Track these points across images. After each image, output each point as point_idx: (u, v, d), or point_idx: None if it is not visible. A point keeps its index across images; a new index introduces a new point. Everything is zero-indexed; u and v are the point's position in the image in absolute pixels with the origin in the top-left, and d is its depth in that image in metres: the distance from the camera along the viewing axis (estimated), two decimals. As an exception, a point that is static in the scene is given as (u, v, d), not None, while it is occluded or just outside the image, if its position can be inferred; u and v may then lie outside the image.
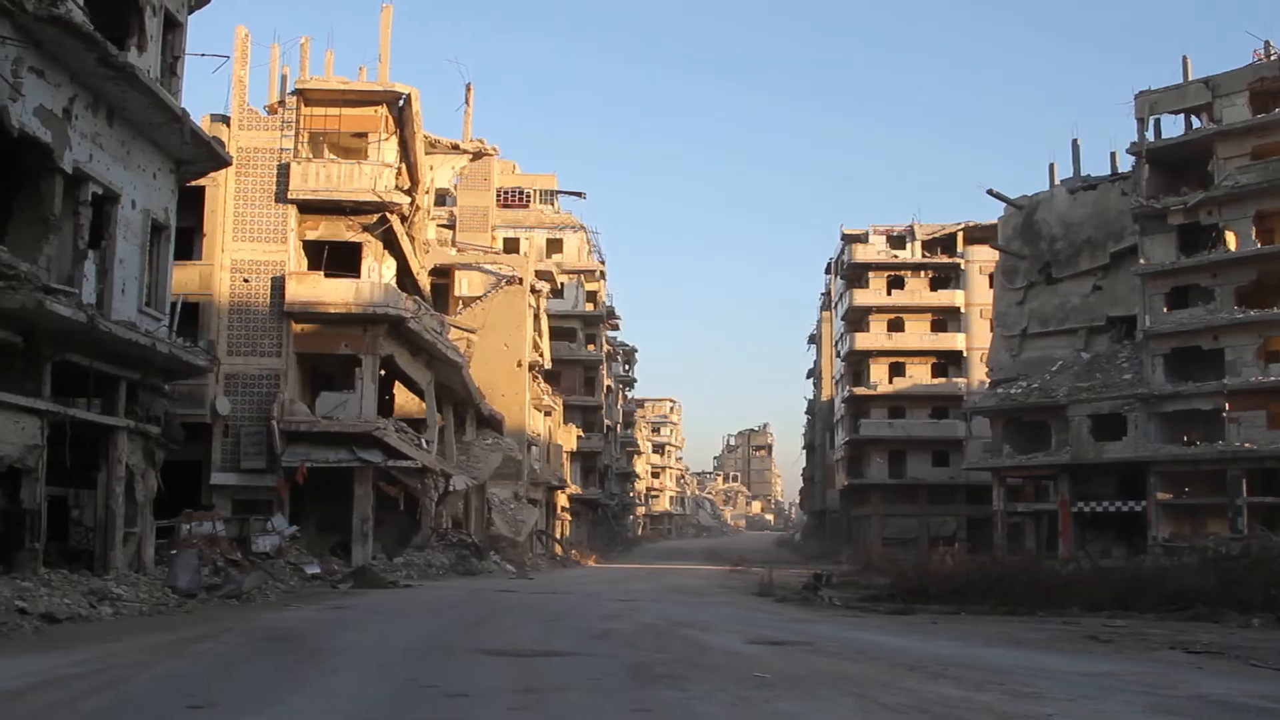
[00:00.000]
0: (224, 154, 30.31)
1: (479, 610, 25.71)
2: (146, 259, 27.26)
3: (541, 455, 74.20)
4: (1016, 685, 13.83)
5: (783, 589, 35.35)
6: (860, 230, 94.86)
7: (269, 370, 40.91)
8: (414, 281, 48.83)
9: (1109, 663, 17.00)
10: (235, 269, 41.27)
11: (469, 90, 55.71)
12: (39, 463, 22.62)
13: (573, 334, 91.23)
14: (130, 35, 25.54)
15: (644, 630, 21.17)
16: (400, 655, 16.06)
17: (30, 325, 21.77)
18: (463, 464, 52.55)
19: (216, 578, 27.53)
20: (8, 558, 21.51)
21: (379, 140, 43.28)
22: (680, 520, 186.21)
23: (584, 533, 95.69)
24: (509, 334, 65.15)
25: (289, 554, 35.18)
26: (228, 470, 40.17)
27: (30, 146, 22.09)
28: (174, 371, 28.53)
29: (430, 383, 48.07)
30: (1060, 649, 19.30)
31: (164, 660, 14.69)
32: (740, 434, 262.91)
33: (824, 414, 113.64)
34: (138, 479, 27.21)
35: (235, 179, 40.99)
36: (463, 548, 46.87)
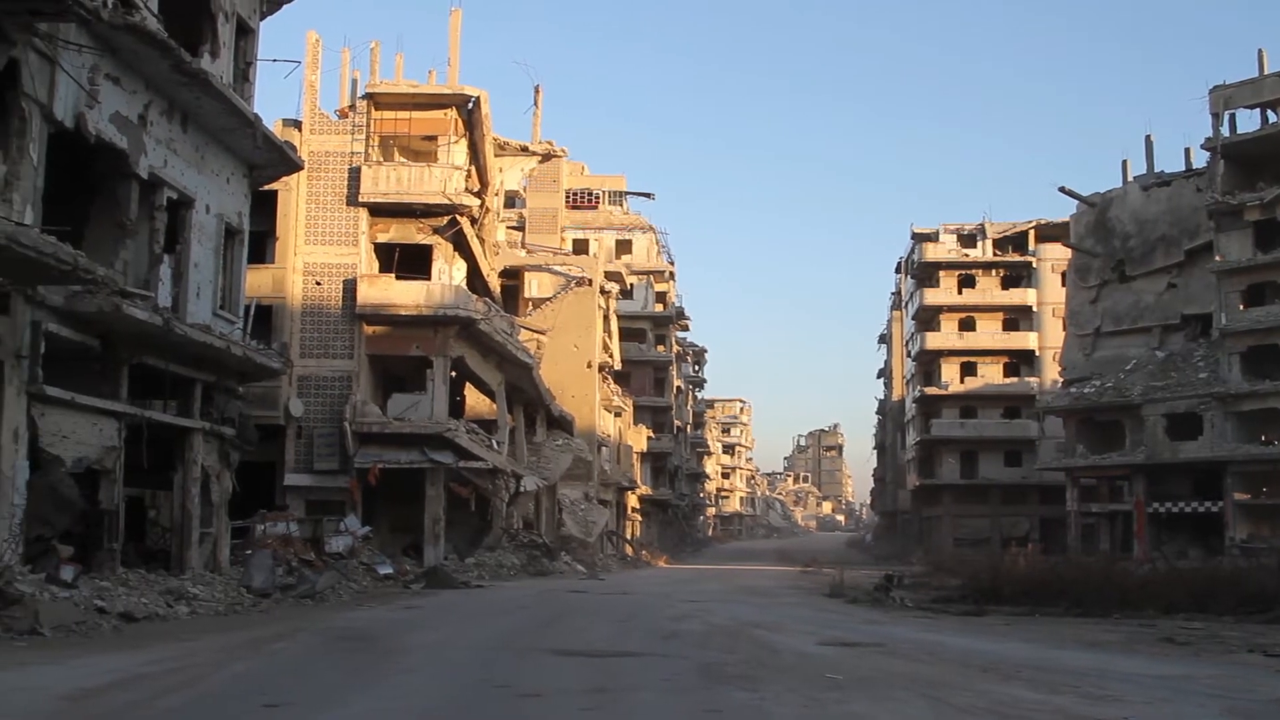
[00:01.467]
0: (296, 158, 30.60)
1: (550, 611, 25.76)
2: (221, 262, 27.56)
3: (612, 456, 74.28)
4: (1092, 688, 13.70)
5: (854, 590, 35.18)
6: (931, 229, 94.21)
7: (341, 372, 41.23)
8: (484, 283, 49.04)
9: (1185, 665, 16.80)
10: (308, 272, 41.64)
11: (538, 92, 55.89)
12: (117, 464, 22.92)
13: (642, 335, 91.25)
14: (203, 42, 25.85)
15: (715, 631, 21.14)
16: (472, 655, 16.13)
17: (108, 329, 22.06)
18: (533, 465, 52.69)
19: (290, 578, 27.74)
20: (87, 558, 21.79)
21: (449, 143, 43.48)
22: (750, 521, 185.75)
23: (654, 533, 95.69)
24: (579, 335, 65.28)
25: (362, 554, 35.39)
26: (301, 471, 40.52)
27: (107, 152, 22.39)
28: (248, 374, 28.81)
29: (501, 384, 48.24)
30: (1136, 651, 19.08)
31: (240, 659, 14.83)
32: (811, 434, 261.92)
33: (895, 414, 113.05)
34: (213, 480, 27.50)
35: (307, 183, 41.35)
36: (534, 548, 46.99)
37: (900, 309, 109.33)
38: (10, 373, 19.51)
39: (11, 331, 19.47)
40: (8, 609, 15.79)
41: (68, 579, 19.28)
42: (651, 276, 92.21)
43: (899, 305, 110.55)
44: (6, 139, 19.18)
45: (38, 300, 20.00)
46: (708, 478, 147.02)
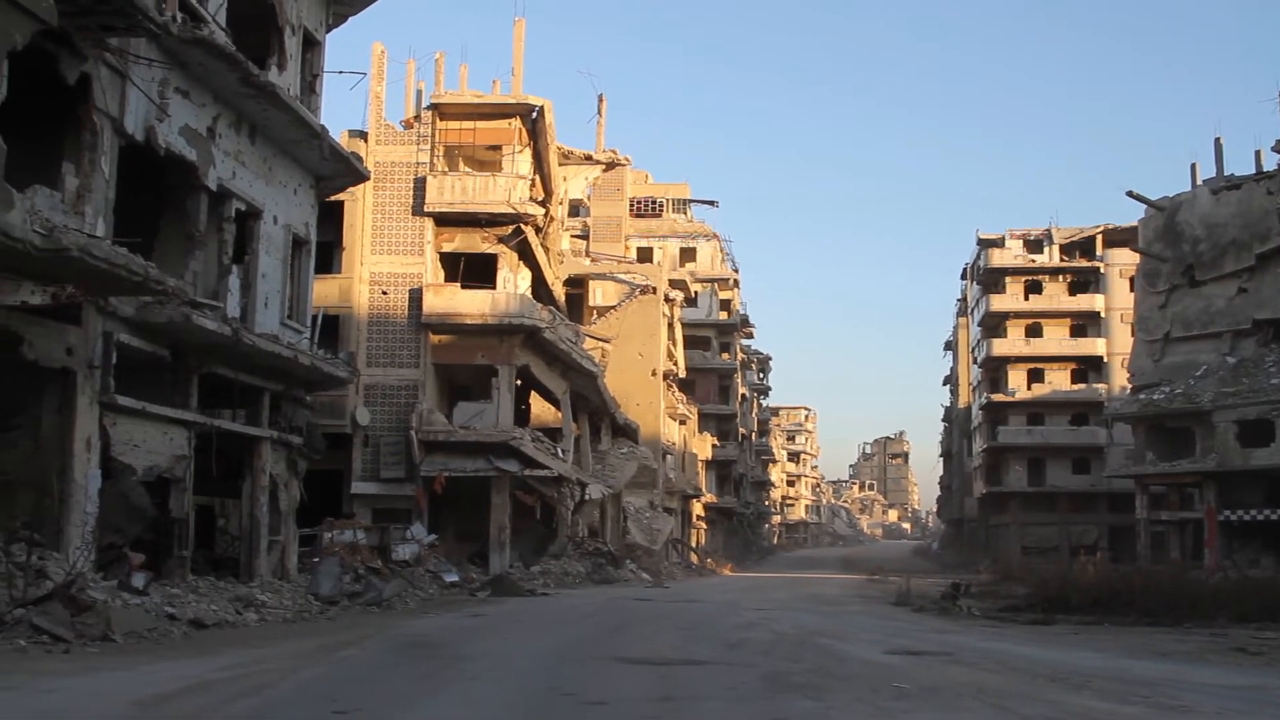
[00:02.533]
0: (362, 169, 30.83)
1: (615, 618, 25.76)
2: (288, 273, 27.81)
3: (677, 464, 74.24)
4: (1163, 698, 13.54)
5: (920, 598, 34.98)
6: (996, 235, 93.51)
7: (407, 381, 41.50)
8: (549, 292, 49.19)
9: (1258, 675, 16.58)
10: (374, 281, 41.94)
11: (601, 101, 56.02)
12: (187, 473, 23.16)
13: (707, 342, 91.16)
14: (271, 55, 26.12)
15: (780, 639, 21.07)
16: (538, 662, 16.17)
17: (178, 339, 22.31)
18: (598, 473, 52.75)
19: (358, 585, 27.89)
20: (158, 565, 22.02)
21: (513, 152, 43.68)
22: (816, 529, 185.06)
23: (719, 541, 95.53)
24: (643, 343, 65.32)
25: (428, 562, 35.54)
26: (368, 479, 40.80)
27: (176, 165, 22.66)
28: (315, 383, 29.04)
29: (566, 392, 48.35)
30: (1207, 661, 18.85)
31: (308, 666, 14.94)
32: (876, 442, 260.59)
33: (961, 421, 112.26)
34: (281, 488, 27.73)
35: (373, 193, 41.67)
36: (599, 556, 47.03)
37: (966, 315, 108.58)
38: (83, 383, 19.78)
39: (84, 342, 19.74)
40: (81, 615, 15.99)
41: (139, 586, 19.49)
42: (716, 284, 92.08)
43: (965, 311, 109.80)
44: (79, 152, 19.45)
45: (109, 311, 20.28)
46: (773, 485, 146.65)
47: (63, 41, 18.07)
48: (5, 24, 16.13)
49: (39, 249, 15.62)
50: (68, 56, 18.47)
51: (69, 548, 18.86)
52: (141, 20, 18.72)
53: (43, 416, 19.72)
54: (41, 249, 15.66)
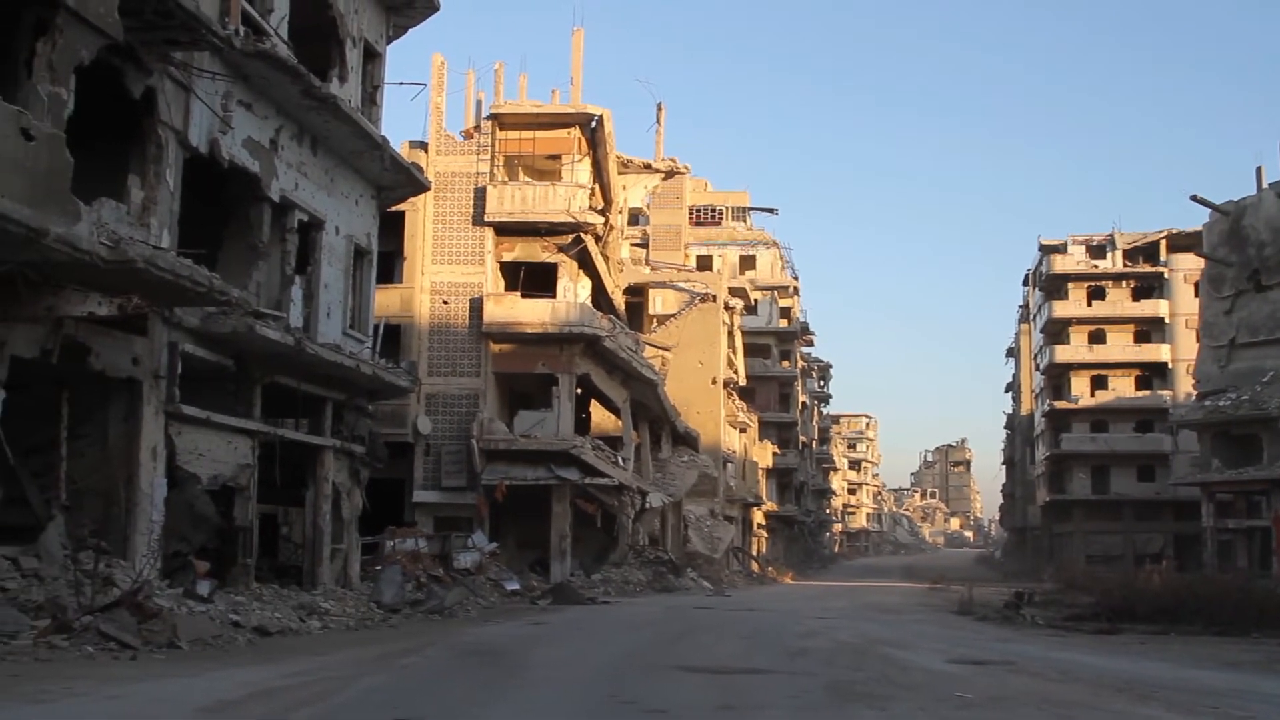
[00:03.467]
0: (423, 179, 31.02)
1: (676, 627, 25.75)
2: (350, 283, 28.02)
3: (737, 472, 74.13)
4: (1231, 709, 13.39)
5: (983, 607, 34.75)
6: (1058, 240, 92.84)
7: (468, 390, 41.67)
8: (609, 300, 49.26)
9: (1328, 685, 16.37)
10: (435, 291, 42.17)
11: (660, 110, 56.11)
12: (251, 481, 23.37)
13: (767, 350, 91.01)
14: (332, 67, 26.34)
15: (842, 648, 21.00)
16: (599, 671, 16.19)
17: (242, 349, 22.52)
18: (659, 481, 52.75)
19: (419, 593, 28.04)
20: (222, 573, 22.22)
21: (572, 162, 43.81)
22: (877, 537, 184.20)
23: (780, 550, 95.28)
24: (703, 351, 65.26)
25: (489, 570, 35.66)
26: (429, 488, 40.99)
27: (239, 176, 22.89)
28: (377, 392, 29.23)
29: (626, 400, 48.39)
30: (1277, 671, 18.63)
31: (370, 673, 15.03)
32: (938, 449, 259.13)
33: (1023, 428, 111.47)
34: (344, 497, 27.91)
35: (434, 203, 41.88)
36: (659, 564, 47.02)
37: (1028, 322, 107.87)
38: (148, 392, 20.01)
39: (149, 352, 19.97)
40: (147, 622, 16.15)
41: (204, 594, 19.68)
42: (775, 292, 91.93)
43: (1027, 318, 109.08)
44: (144, 165, 19.69)
45: (174, 322, 20.51)
46: (834, 494, 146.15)
47: (128, 56, 18.31)
48: (73, 40, 16.36)
49: (106, 261, 15.83)
50: (133, 71, 18.72)
51: (135, 555, 19.07)
52: (205, 34, 18.95)
53: (109, 426, 19.96)
54: (108, 261, 15.86)
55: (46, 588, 16.67)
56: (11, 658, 13.58)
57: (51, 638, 14.80)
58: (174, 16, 18.03)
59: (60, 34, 16.20)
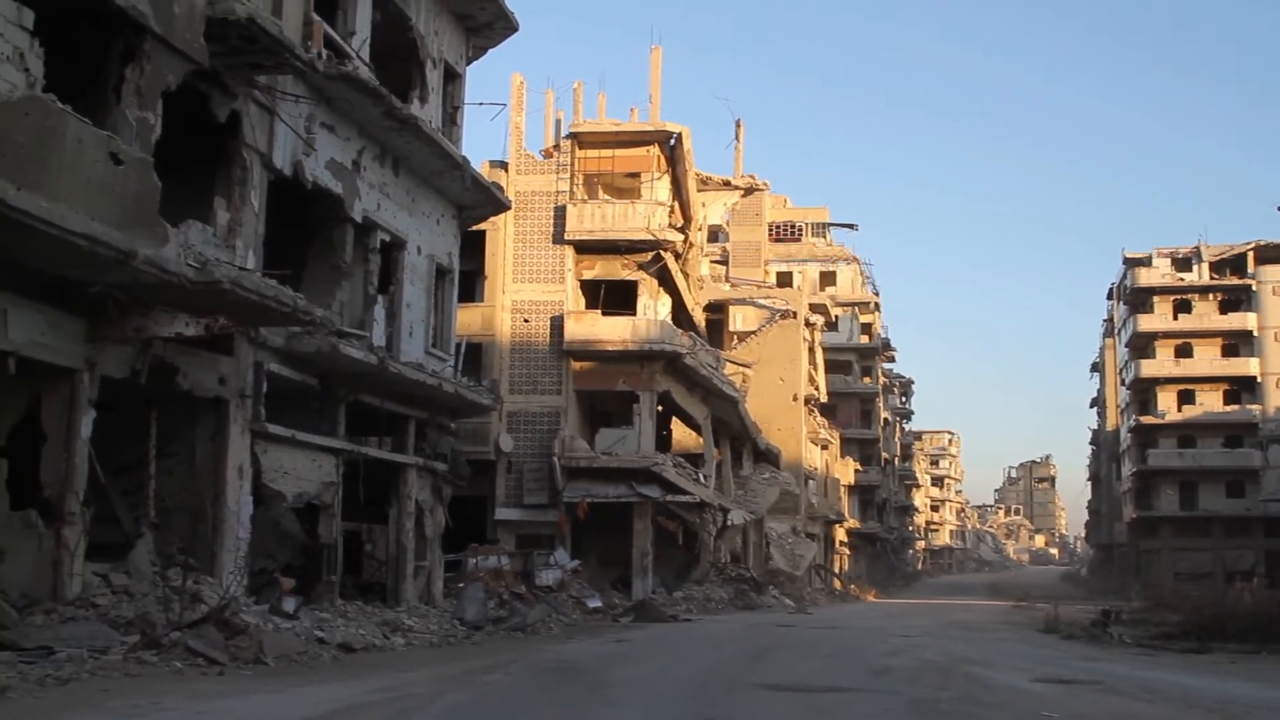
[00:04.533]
0: (503, 198, 31.22)
1: (759, 644, 25.66)
2: (432, 302, 28.23)
3: (819, 489, 73.84)
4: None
5: (1069, 625, 34.35)
6: (1143, 253, 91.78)
7: (549, 408, 41.78)
8: (689, 318, 49.30)
9: None
10: (516, 309, 42.35)
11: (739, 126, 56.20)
12: (335, 499, 23.59)
13: (848, 367, 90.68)
14: (413, 88, 26.60)
15: (926, 666, 20.83)
16: (681, 688, 16.16)
17: (326, 368, 22.74)
18: (740, 498, 52.63)
19: (502, 610, 28.12)
20: (307, 590, 22.42)
21: (652, 179, 43.91)
22: (961, 555, 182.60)
23: (863, 567, 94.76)
24: (784, 368, 65.10)
25: (571, 587, 35.70)
26: (511, 505, 41.12)
27: (322, 198, 23.15)
28: (459, 410, 29.40)
29: (707, 417, 48.34)
30: (1371, 690, 18.29)
31: (453, 690, 15.10)
32: (1022, 466, 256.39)
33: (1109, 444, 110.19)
34: (427, 514, 28.09)
35: (514, 222, 42.08)
36: (741, 582, 46.88)
37: (1113, 336, 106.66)
38: (235, 411, 20.26)
39: (236, 372, 20.23)
40: (234, 638, 16.32)
41: (290, 610, 19.86)
42: (856, 308, 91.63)
43: (1111, 332, 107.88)
44: (229, 187, 19.97)
45: (260, 341, 20.76)
46: (916, 511, 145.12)
47: (214, 81, 18.60)
48: (160, 66, 16.66)
49: (193, 282, 16.08)
50: (218, 95, 19.00)
51: (222, 572, 19.30)
52: (289, 58, 19.22)
53: (197, 445, 20.22)
54: (195, 282, 16.11)
55: (136, 604, 16.90)
56: (102, 672, 13.78)
57: (141, 653, 14.99)
58: (258, 41, 18.31)
59: (148, 60, 16.51)
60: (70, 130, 14.60)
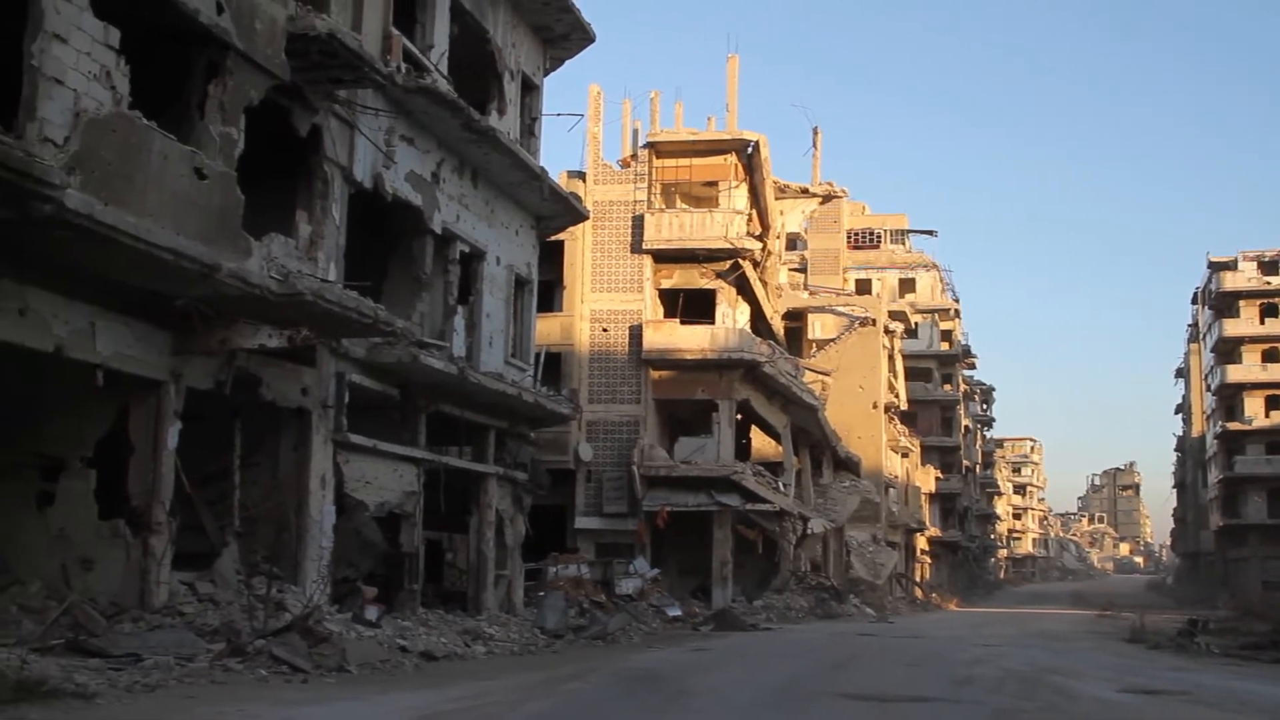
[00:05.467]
0: (581, 208, 31.33)
1: (840, 653, 25.54)
2: (511, 312, 28.38)
3: (899, 497, 73.39)
4: None
5: (1155, 635, 33.86)
6: (1228, 257, 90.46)
7: (628, 417, 41.84)
8: (767, 326, 49.21)
9: None
10: (594, 319, 42.47)
11: (816, 134, 55.96)
12: (416, 508, 23.76)
13: (928, 374, 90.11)
14: (490, 100, 26.78)
15: (1009, 676, 20.63)
16: (762, 697, 16.13)
17: (406, 378, 22.92)
18: (820, 507, 52.43)
19: (582, 619, 28.17)
20: (389, 598, 22.59)
21: (729, 188, 43.90)
22: (1044, 563, 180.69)
23: (944, 576, 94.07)
24: (864, 375, 64.79)
25: (651, 596, 35.72)
26: (591, 514, 41.22)
27: (402, 210, 23.34)
28: (539, 420, 29.53)
29: (786, 426, 48.21)
30: None
31: (535, 698, 15.14)
32: (1105, 473, 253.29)
33: (1195, 451, 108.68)
34: (507, 523, 28.23)
35: (592, 232, 42.19)
36: (821, 591, 46.70)
37: (1198, 341, 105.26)
38: (317, 422, 20.48)
39: (318, 383, 20.45)
40: (317, 646, 16.47)
41: (372, 619, 20.01)
42: (936, 315, 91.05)
43: (1196, 337, 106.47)
44: (311, 200, 20.20)
45: (341, 353, 20.97)
46: (998, 519, 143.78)
47: (295, 95, 18.82)
48: (243, 81, 16.90)
49: (275, 294, 16.29)
50: (300, 109, 19.22)
51: (306, 581, 19.51)
52: (368, 72, 19.41)
53: (280, 455, 20.46)
54: (278, 294, 16.32)
55: (221, 612, 17.12)
56: (188, 680, 13.96)
57: (226, 661, 15.17)
58: (338, 56, 18.51)
59: (230, 76, 16.75)
60: (156, 146, 14.85)
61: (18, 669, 11.79)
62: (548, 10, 28.70)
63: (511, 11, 27.88)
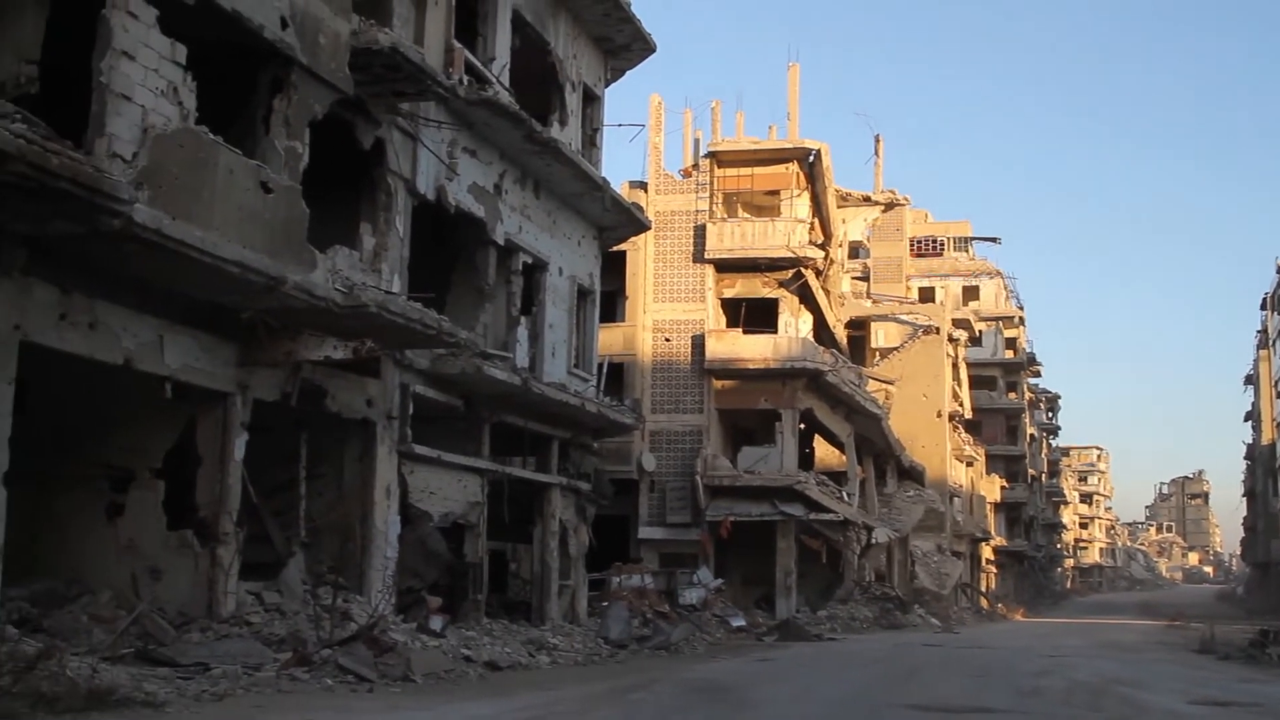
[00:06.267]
0: (643, 219, 31.37)
1: (905, 664, 25.41)
2: (574, 323, 28.44)
3: (964, 506, 72.90)
4: None
5: (1225, 646, 33.38)
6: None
7: (691, 426, 41.84)
8: (830, 335, 49.06)
9: None
10: (657, 329, 42.51)
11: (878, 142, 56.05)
12: (480, 518, 23.84)
13: (992, 382, 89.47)
14: (552, 111, 26.87)
15: (1077, 687, 20.43)
16: (827, 708, 16.07)
17: (470, 389, 23.03)
18: (884, 516, 52.17)
19: (646, 629, 28.17)
20: (453, 608, 22.67)
21: (791, 197, 43.84)
22: (1111, 573, 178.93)
23: (1010, 586, 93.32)
24: (927, 384, 64.45)
25: (714, 606, 35.67)
26: (654, 524, 41.23)
27: (465, 221, 23.46)
28: (602, 430, 29.58)
29: (849, 435, 48.04)
30: None
31: (599, 708, 15.16)
32: (1174, 482, 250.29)
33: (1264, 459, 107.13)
34: (570, 534, 28.27)
35: (654, 242, 42.25)
36: (886, 601, 46.46)
37: (1267, 348, 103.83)
38: (382, 433, 20.61)
39: (382, 394, 20.58)
40: (383, 656, 16.56)
41: (436, 628, 20.08)
42: (1000, 322, 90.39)
43: (1266, 344, 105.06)
44: (374, 213, 20.33)
45: (405, 364, 21.10)
46: (1064, 528, 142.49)
47: (358, 109, 18.96)
48: (307, 96, 17.05)
49: (340, 306, 16.43)
50: (363, 123, 19.36)
51: (371, 591, 19.63)
52: (431, 85, 19.54)
53: (345, 466, 20.61)
54: (343, 306, 16.46)
55: (288, 622, 17.25)
56: (256, 689, 14.08)
57: (293, 670, 15.29)
58: (401, 69, 18.64)
59: (295, 91, 16.90)
60: (222, 161, 15.00)
61: (89, 678, 11.93)
62: (608, 21, 28.78)
63: (572, 23, 27.98)
